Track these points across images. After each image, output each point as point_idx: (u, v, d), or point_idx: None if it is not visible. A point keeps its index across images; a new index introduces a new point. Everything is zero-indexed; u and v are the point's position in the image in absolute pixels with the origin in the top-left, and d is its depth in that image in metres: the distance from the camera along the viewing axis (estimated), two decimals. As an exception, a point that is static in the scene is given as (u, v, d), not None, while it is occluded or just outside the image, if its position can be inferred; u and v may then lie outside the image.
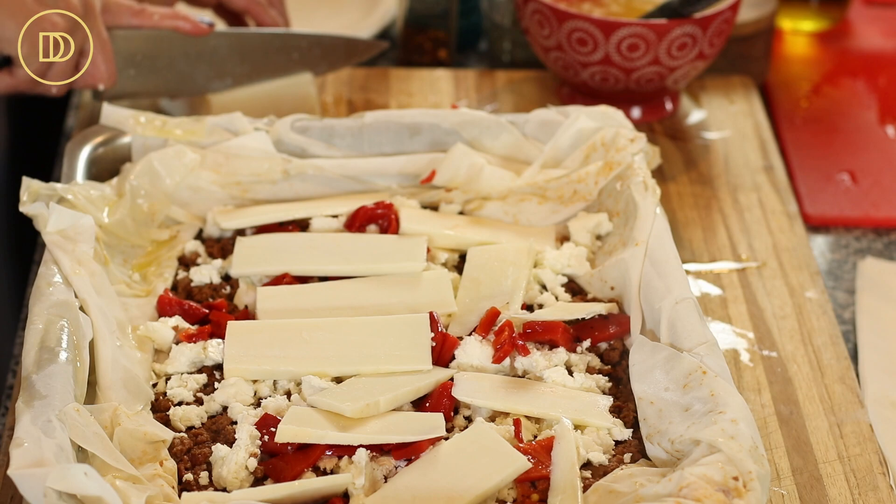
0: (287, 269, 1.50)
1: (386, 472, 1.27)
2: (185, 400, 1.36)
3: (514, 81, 2.01)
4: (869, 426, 1.45)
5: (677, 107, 1.95)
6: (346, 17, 2.18)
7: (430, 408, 1.33)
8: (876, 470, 1.39)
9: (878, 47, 2.23)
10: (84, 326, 1.34)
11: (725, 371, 1.30)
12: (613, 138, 1.61)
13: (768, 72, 2.09)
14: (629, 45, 1.80)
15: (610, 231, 1.57)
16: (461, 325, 1.45)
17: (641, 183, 1.54)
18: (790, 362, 1.52)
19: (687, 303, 1.38)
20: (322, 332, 1.40)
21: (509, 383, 1.37)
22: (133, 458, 1.26)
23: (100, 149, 1.61)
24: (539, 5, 1.83)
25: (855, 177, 1.89)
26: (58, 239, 1.43)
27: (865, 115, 2.04)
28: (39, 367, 1.27)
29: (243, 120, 1.64)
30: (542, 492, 1.25)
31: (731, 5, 1.83)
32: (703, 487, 1.17)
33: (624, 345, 1.44)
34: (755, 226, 1.73)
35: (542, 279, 1.51)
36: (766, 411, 1.45)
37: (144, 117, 1.62)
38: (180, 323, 1.44)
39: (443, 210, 1.61)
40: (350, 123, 1.66)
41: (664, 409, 1.30)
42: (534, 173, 1.62)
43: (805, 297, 1.62)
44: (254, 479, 1.27)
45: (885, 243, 1.78)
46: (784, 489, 1.36)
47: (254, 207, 1.60)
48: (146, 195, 1.56)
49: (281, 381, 1.38)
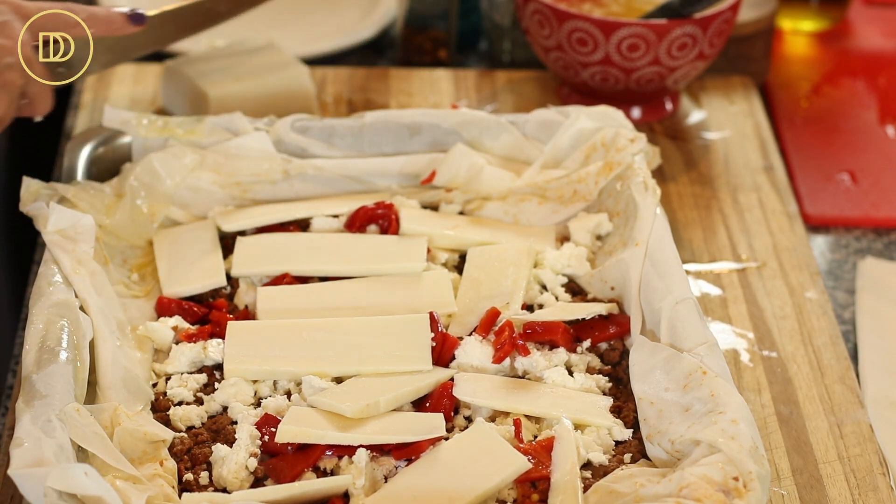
0: (287, 269, 1.50)
1: (386, 472, 1.27)
2: (185, 400, 1.36)
3: (514, 81, 2.01)
4: (869, 426, 1.45)
5: (677, 107, 1.95)
6: (346, 17, 2.18)
7: (431, 408, 1.33)
8: (876, 470, 1.39)
9: (878, 47, 2.23)
10: (84, 326, 1.34)
11: (725, 371, 1.31)
12: (613, 138, 1.61)
13: (768, 72, 2.09)
14: (629, 45, 1.80)
15: (610, 231, 1.57)
16: (461, 325, 1.45)
17: (641, 183, 1.54)
18: (790, 362, 1.52)
19: (687, 303, 1.38)
20: (322, 333, 1.40)
21: (509, 383, 1.37)
22: (133, 458, 1.26)
23: (100, 149, 1.61)
24: (539, 5, 1.83)
25: (855, 177, 1.89)
26: (58, 239, 1.43)
27: (865, 115, 2.04)
28: (39, 366, 1.27)
29: (243, 120, 1.64)
30: (542, 492, 1.25)
31: (731, 5, 1.83)
32: (704, 487, 1.17)
33: (624, 345, 1.44)
34: (755, 226, 1.73)
35: (542, 279, 1.51)
36: (766, 411, 1.46)
37: (146, 119, 1.62)
38: (180, 323, 1.44)
39: (443, 210, 1.62)
40: (350, 123, 1.66)
41: (664, 409, 1.30)
42: (534, 173, 1.62)
43: (805, 297, 1.62)
44: (254, 479, 1.27)
45: (885, 243, 1.78)
46: (784, 489, 1.36)
47: (254, 208, 1.60)
48: (146, 196, 1.56)
49: (281, 381, 1.38)
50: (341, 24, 2.16)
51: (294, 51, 1.95)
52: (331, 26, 2.15)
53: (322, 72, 1.99)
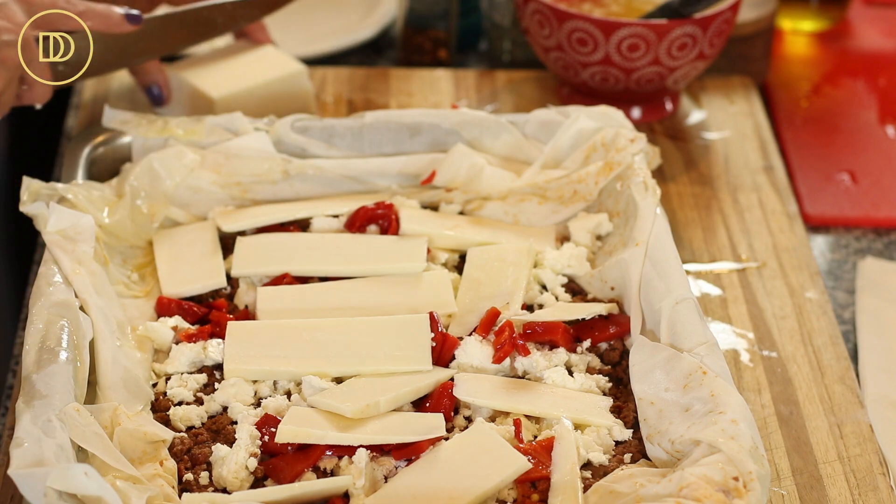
0: (287, 269, 1.50)
1: (386, 472, 1.27)
2: (185, 400, 1.36)
3: (514, 81, 2.01)
4: (869, 426, 1.45)
5: (677, 107, 1.95)
6: (346, 17, 2.18)
7: (431, 408, 1.33)
8: (876, 470, 1.39)
9: (878, 47, 2.23)
10: (84, 326, 1.34)
11: (725, 371, 1.31)
12: (613, 138, 1.61)
13: (768, 72, 2.09)
14: (629, 45, 1.80)
15: (610, 231, 1.57)
16: (461, 325, 1.45)
17: (641, 183, 1.54)
18: (790, 362, 1.52)
19: (687, 303, 1.38)
20: (322, 333, 1.41)
21: (509, 383, 1.37)
22: (133, 458, 1.26)
23: (100, 149, 1.61)
24: (539, 5, 1.83)
25: (855, 177, 1.89)
26: (58, 239, 1.43)
27: (865, 115, 2.04)
28: (39, 366, 1.27)
29: (243, 120, 1.64)
30: (542, 492, 1.25)
31: (731, 5, 1.83)
32: (704, 487, 1.17)
33: (624, 345, 1.44)
34: (755, 226, 1.73)
35: (542, 279, 1.51)
36: (766, 411, 1.46)
37: (146, 119, 1.63)
38: (180, 323, 1.44)
39: (443, 210, 1.62)
40: (350, 123, 1.66)
41: (664, 409, 1.30)
42: (534, 173, 1.62)
43: (805, 297, 1.62)
44: (254, 479, 1.27)
45: (885, 243, 1.78)
46: (784, 489, 1.36)
47: (254, 208, 1.60)
48: (146, 196, 1.56)
49: (281, 382, 1.38)
50: (341, 24, 2.16)
51: (294, 51, 1.95)
52: (331, 26, 2.15)
53: (322, 72, 1.99)
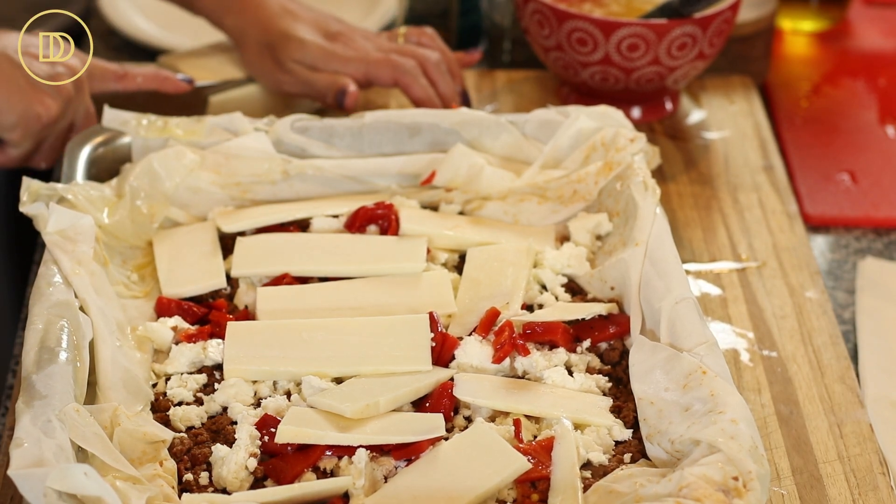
0: (287, 269, 1.50)
1: (386, 472, 1.27)
2: (185, 400, 1.36)
3: (514, 81, 2.01)
4: (869, 426, 1.45)
5: (677, 107, 1.95)
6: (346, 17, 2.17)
7: (430, 408, 1.33)
8: (876, 470, 1.39)
9: (878, 47, 2.23)
10: (84, 326, 1.34)
11: (725, 371, 1.30)
12: (613, 138, 1.61)
13: (768, 72, 2.09)
14: (629, 45, 1.80)
15: (610, 231, 1.57)
16: (461, 325, 1.45)
17: (641, 183, 1.54)
18: (790, 362, 1.52)
19: (687, 303, 1.38)
20: (322, 333, 1.40)
21: (509, 383, 1.37)
22: (133, 459, 1.26)
23: (100, 149, 1.61)
24: (539, 5, 1.83)
25: (855, 177, 1.89)
26: (58, 239, 1.43)
27: (865, 115, 2.04)
28: (39, 367, 1.27)
29: (243, 120, 1.64)
30: (542, 492, 1.25)
31: (731, 5, 1.83)
32: (703, 487, 1.17)
33: (624, 345, 1.44)
34: (755, 226, 1.73)
35: (542, 279, 1.51)
36: (766, 411, 1.46)
37: (146, 119, 1.62)
38: (179, 323, 1.44)
39: (443, 210, 1.62)
40: (350, 123, 1.66)
41: (664, 409, 1.30)
42: (534, 173, 1.62)
43: (805, 297, 1.62)
44: (254, 480, 1.27)
45: (885, 243, 1.78)
46: (784, 489, 1.36)
47: (254, 208, 1.60)
48: (146, 196, 1.56)
49: (281, 382, 1.37)
50: (341, 24, 2.15)
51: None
52: (331, 26, 2.15)
53: (322, 72, 1.98)
